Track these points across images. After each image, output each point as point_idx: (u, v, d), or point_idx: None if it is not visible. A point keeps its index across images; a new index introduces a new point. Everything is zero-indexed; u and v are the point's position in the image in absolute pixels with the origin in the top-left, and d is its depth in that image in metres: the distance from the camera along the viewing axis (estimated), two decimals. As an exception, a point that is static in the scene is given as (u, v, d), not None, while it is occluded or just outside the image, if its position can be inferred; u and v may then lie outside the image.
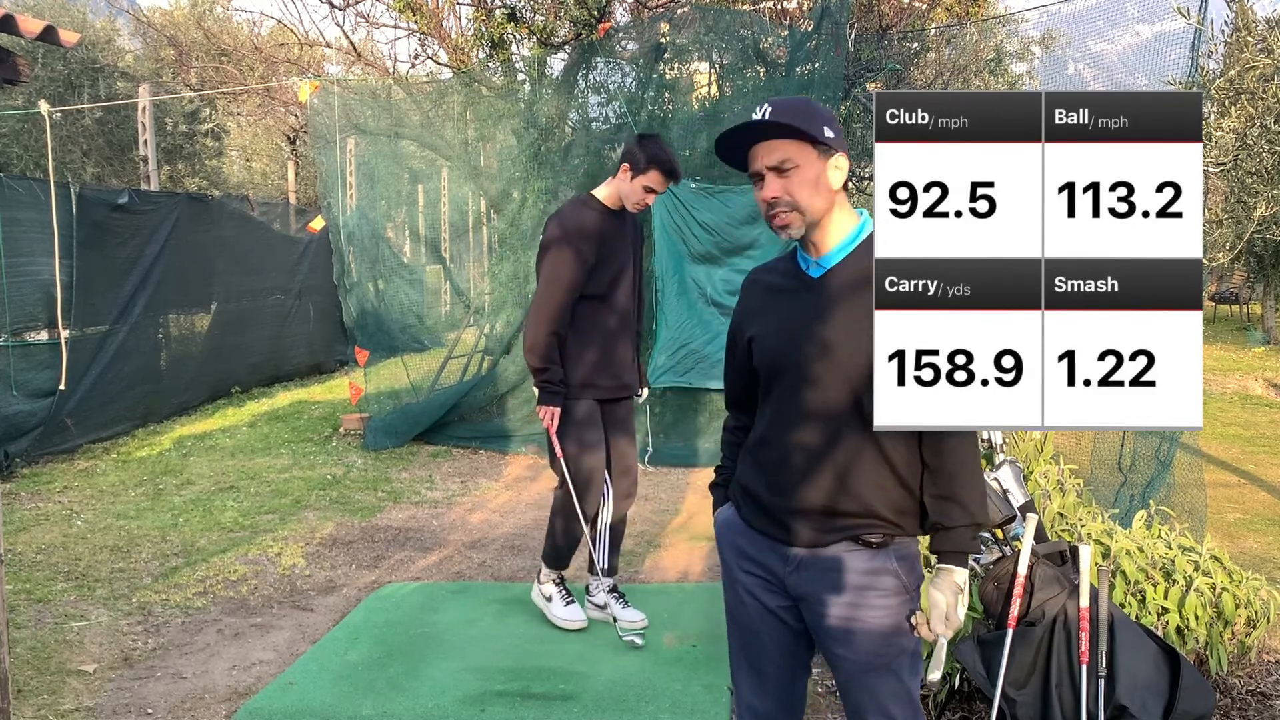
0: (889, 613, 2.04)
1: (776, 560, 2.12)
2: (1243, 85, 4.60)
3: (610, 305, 3.94)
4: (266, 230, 11.40)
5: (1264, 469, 7.17)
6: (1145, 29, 6.36)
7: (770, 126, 1.96)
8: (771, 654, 2.23)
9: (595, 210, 3.91)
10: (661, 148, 3.85)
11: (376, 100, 8.96)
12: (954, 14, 9.86)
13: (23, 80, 3.19)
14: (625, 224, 3.99)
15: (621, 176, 3.86)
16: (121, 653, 4.05)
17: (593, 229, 3.85)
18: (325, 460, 7.65)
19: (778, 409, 2.09)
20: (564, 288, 3.80)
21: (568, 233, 3.83)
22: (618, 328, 3.97)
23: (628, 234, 4.00)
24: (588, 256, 3.82)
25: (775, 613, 2.17)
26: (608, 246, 3.89)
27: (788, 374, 2.05)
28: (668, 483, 6.80)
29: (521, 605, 4.47)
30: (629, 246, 4.00)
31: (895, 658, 2.06)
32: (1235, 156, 4.67)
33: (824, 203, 2.00)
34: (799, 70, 7.79)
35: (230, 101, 16.37)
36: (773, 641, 2.21)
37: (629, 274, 4.01)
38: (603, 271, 3.88)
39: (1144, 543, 3.52)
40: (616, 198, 3.92)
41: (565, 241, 3.81)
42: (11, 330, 7.37)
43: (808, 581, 2.08)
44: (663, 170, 3.83)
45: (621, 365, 4.00)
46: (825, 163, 1.99)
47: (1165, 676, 2.83)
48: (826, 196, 2.00)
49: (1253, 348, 14.08)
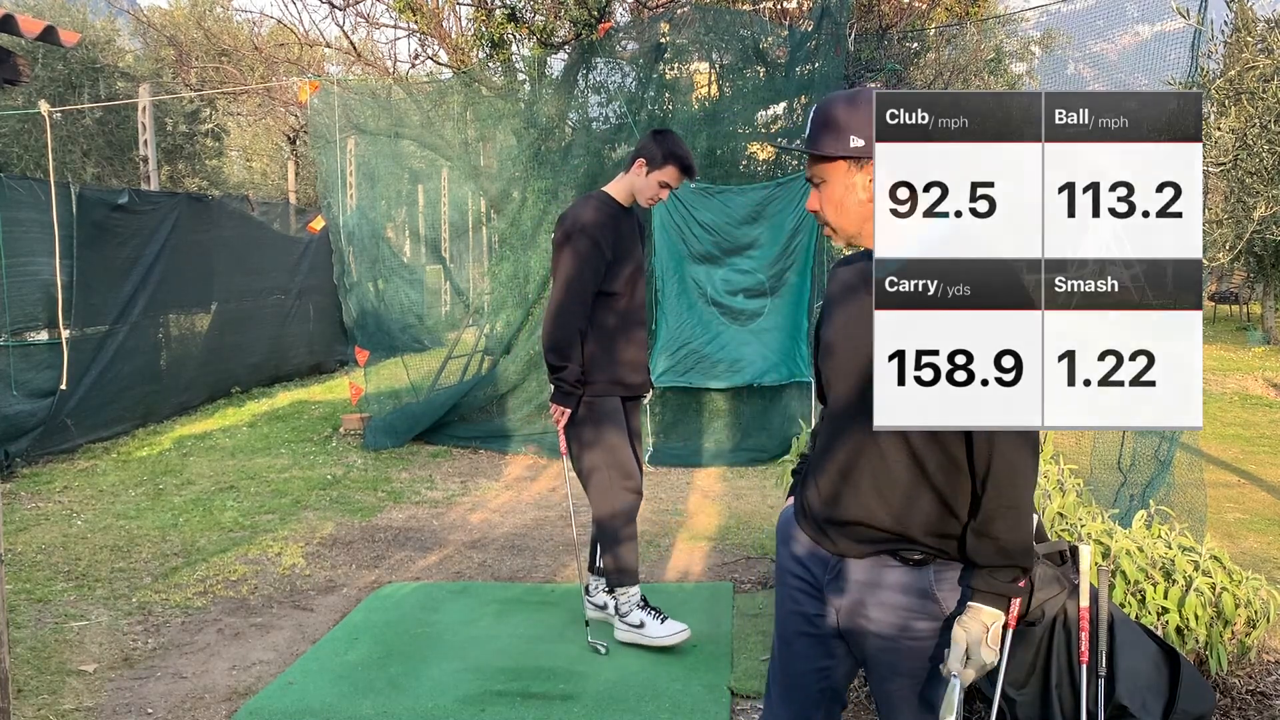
0: (918, 637, 1.97)
1: (819, 564, 2.07)
2: (1243, 85, 4.60)
3: (631, 302, 3.91)
4: (266, 230, 11.40)
5: (1264, 469, 7.16)
6: (1145, 29, 6.36)
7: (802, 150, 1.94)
8: (802, 671, 2.15)
9: (610, 207, 3.88)
10: (678, 143, 3.82)
11: (376, 100, 8.96)
12: (954, 14, 9.87)
13: (23, 80, 3.19)
14: (633, 221, 3.98)
15: (636, 172, 3.83)
16: (121, 653, 4.05)
17: (609, 225, 3.82)
18: (325, 460, 7.65)
19: (829, 412, 2.07)
20: (584, 284, 3.76)
21: (585, 229, 3.78)
22: (637, 325, 3.96)
23: (636, 231, 3.99)
24: (606, 253, 3.79)
25: (813, 621, 2.10)
26: (623, 243, 3.87)
27: (840, 380, 2.02)
28: (668, 482, 6.80)
29: (521, 605, 4.48)
30: (638, 243, 3.99)
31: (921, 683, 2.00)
32: (1235, 156, 4.66)
33: (853, 216, 1.95)
34: (799, 70, 7.79)
35: (230, 101, 16.37)
36: (805, 659, 2.14)
37: (640, 272, 3.99)
38: (620, 268, 3.86)
39: (1144, 543, 3.52)
40: (629, 194, 3.88)
41: (584, 237, 3.76)
42: (12, 330, 7.37)
43: (844, 590, 2.03)
44: (680, 166, 3.80)
45: (641, 363, 4.00)
46: (855, 174, 1.93)
47: (1165, 676, 2.83)
48: (856, 209, 1.95)
49: (1253, 348, 14.08)
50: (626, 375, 3.90)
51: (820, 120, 1.94)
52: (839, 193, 1.95)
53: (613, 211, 3.87)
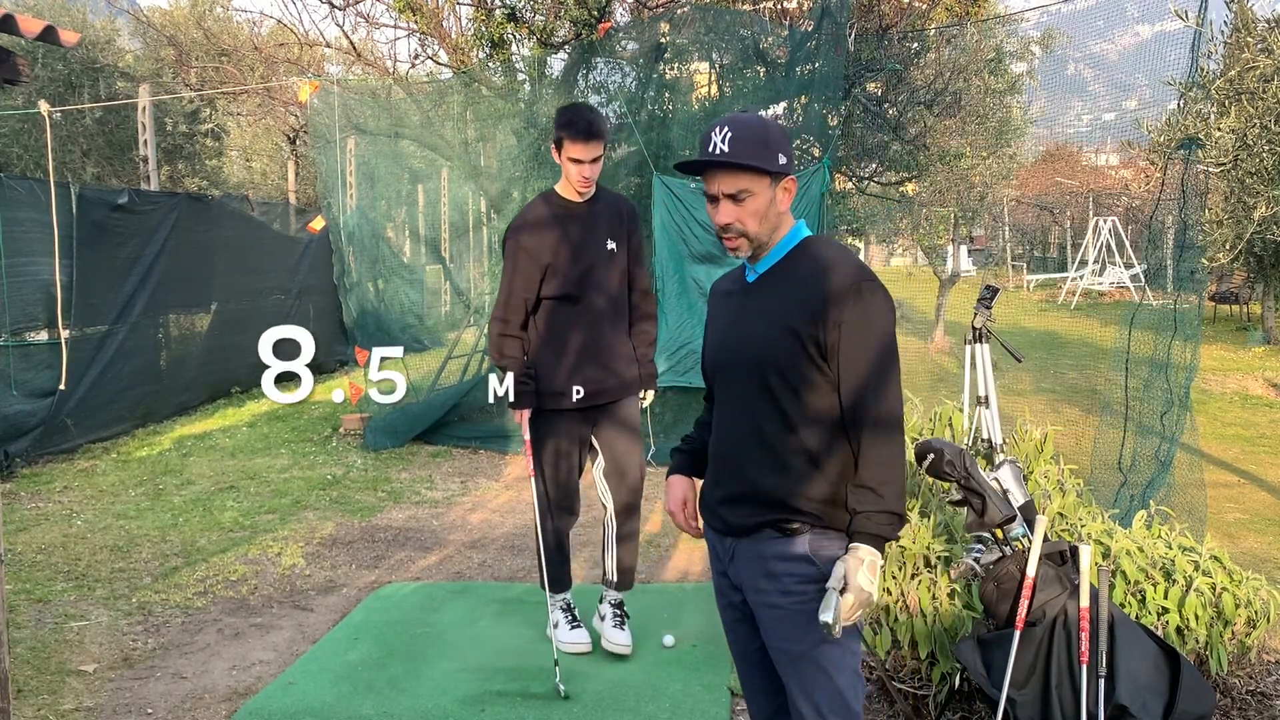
0: (804, 600, 2.11)
1: (724, 552, 2.26)
2: (1243, 85, 4.60)
3: (584, 307, 3.69)
4: (266, 230, 11.40)
5: (1264, 469, 7.16)
6: (1145, 29, 6.36)
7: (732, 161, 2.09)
8: (747, 655, 2.33)
9: (550, 205, 3.71)
10: (564, 111, 3.58)
11: (376, 100, 8.96)
12: (954, 14, 9.86)
13: (23, 80, 3.19)
14: (596, 215, 3.73)
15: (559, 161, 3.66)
16: (121, 653, 4.05)
17: (542, 224, 3.66)
18: (325, 460, 7.65)
19: (717, 405, 2.28)
20: (512, 288, 3.66)
21: (515, 229, 3.69)
22: (595, 330, 3.71)
23: (599, 225, 3.72)
24: (536, 254, 3.63)
25: (735, 606, 2.28)
26: (568, 242, 3.65)
27: (721, 372, 2.25)
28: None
29: (521, 605, 4.47)
30: (600, 239, 3.72)
31: (816, 646, 2.12)
32: (1235, 156, 4.66)
33: (771, 225, 2.16)
34: (799, 70, 7.78)
35: (230, 101, 16.36)
36: (743, 641, 2.32)
37: (606, 269, 3.73)
38: (568, 270, 3.65)
39: (1144, 543, 3.52)
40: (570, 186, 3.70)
41: (511, 239, 3.67)
42: (11, 330, 7.37)
43: (740, 570, 2.20)
44: (568, 135, 3.53)
45: (605, 369, 3.74)
46: (776, 188, 2.14)
47: (1165, 676, 2.83)
48: (774, 219, 2.16)
49: (1253, 348, 14.07)
50: (576, 384, 3.68)
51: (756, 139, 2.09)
52: (763, 205, 2.12)
53: (554, 211, 3.69)
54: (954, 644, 3.15)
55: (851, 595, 2.01)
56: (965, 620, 3.26)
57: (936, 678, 3.29)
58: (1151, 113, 5.98)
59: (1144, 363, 5.42)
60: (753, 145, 2.08)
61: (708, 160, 2.09)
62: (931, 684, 3.32)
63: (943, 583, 3.35)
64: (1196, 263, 5.37)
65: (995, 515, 2.90)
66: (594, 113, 3.64)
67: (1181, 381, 5.20)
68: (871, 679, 3.47)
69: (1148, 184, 12.31)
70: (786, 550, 2.12)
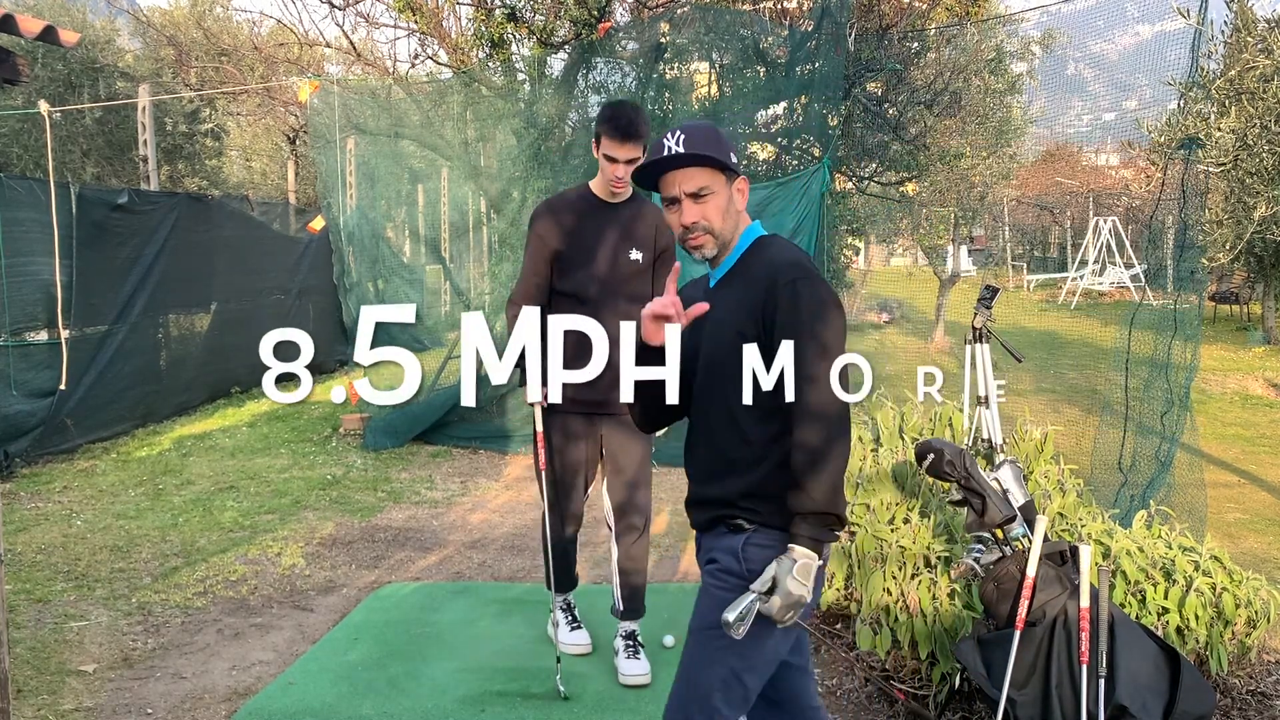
0: (722, 589, 2.14)
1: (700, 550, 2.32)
2: (1243, 85, 4.60)
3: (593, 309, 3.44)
4: (266, 230, 11.39)
5: (1264, 469, 7.16)
6: (1145, 29, 6.37)
7: (690, 156, 2.13)
8: None
9: (577, 197, 3.66)
10: (610, 105, 3.54)
11: (376, 100, 8.95)
12: (954, 14, 9.86)
13: (23, 80, 3.19)
14: (623, 220, 3.63)
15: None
16: (121, 653, 4.05)
17: (561, 210, 3.62)
18: (325, 460, 7.64)
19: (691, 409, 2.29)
20: (525, 268, 3.67)
21: (537, 211, 3.69)
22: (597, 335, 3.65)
23: (624, 230, 3.61)
24: (546, 238, 3.60)
25: None
26: (583, 236, 3.58)
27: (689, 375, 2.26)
28: (669, 483, 6.80)
29: (521, 605, 4.47)
30: (624, 245, 3.61)
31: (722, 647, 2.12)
32: (1235, 156, 4.66)
33: (733, 223, 2.22)
34: (799, 70, 7.79)
35: (230, 101, 16.36)
36: None
37: (626, 277, 3.61)
38: (580, 265, 3.58)
39: (1144, 543, 3.52)
40: (603, 185, 3.63)
41: (532, 219, 3.67)
42: (11, 330, 7.37)
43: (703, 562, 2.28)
44: (607, 129, 3.46)
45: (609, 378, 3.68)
46: (732, 187, 2.21)
47: (1165, 676, 2.83)
48: (734, 217, 2.22)
49: (1253, 348, 14.07)
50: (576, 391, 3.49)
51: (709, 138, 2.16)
52: (724, 202, 2.19)
53: (579, 203, 3.64)
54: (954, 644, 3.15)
55: (778, 599, 2.03)
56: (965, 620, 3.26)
57: (936, 678, 3.29)
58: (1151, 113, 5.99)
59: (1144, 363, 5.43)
60: (707, 144, 2.14)
61: (667, 159, 2.13)
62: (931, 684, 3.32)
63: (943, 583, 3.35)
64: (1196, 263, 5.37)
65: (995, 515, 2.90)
66: (637, 113, 3.54)
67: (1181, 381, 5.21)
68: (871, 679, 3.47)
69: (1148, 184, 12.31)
70: (727, 544, 2.19)
